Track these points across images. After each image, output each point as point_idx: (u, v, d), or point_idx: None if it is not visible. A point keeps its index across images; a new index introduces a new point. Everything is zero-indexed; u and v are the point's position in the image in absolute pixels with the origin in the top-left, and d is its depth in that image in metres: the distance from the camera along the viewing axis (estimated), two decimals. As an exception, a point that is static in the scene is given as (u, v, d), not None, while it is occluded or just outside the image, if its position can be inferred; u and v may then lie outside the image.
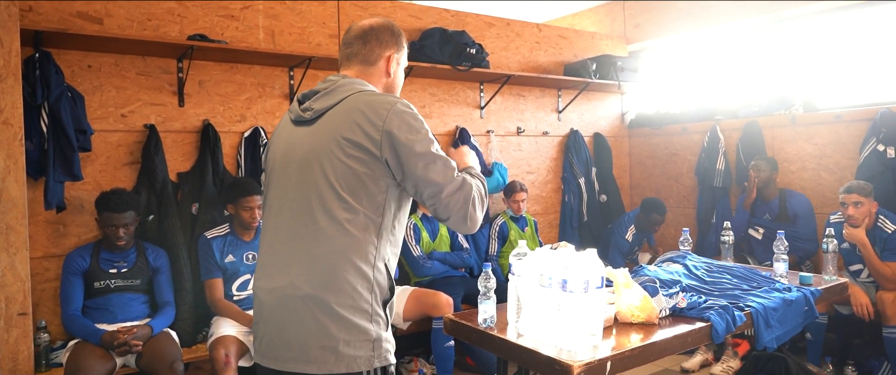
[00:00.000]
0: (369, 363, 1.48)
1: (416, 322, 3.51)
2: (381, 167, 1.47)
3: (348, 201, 1.46)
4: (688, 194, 5.06)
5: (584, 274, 1.79)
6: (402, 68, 1.71)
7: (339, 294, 1.45)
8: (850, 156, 4.04)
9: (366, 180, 1.46)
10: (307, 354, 1.45)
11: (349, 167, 1.46)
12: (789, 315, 2.42)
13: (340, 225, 1.45)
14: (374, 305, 1.49)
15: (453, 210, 1.52)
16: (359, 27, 1.65)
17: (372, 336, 1.48)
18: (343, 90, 1.54)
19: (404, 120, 1.47)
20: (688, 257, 2.94)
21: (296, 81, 3.75)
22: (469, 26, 4.50)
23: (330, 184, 1.46)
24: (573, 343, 1.83)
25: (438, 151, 1.51)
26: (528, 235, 4.41)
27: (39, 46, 2.89)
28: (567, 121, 5.11)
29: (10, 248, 2.52)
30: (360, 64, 1.64)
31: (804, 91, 4.44)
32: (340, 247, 1.45)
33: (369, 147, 1.45)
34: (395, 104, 1.49)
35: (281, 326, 1.49)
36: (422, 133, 1.49)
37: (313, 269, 1.46)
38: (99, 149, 3.18)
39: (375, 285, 1.49)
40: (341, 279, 1.45)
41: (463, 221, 1.53)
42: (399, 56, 1.68)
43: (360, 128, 1.46)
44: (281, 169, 1.58)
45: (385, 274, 1.52)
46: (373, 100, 1.50)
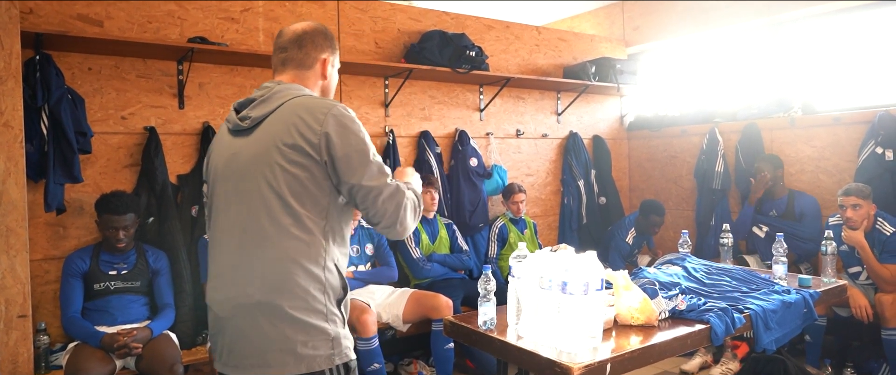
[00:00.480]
0: (330, 361, 1.51)
1: (415, 324, 3.51)
2: (321, 170, 1.49)
3: (293, 206, 1.47)
4: (687, 196, 5.07)
5: (583, 276, 1.80)
6: (336, 70, 1.73)
7: (291, 298, 1.47)
8: (848, 159, 4.05)
9: (308, 184, 1.48)
10: (266, 358, 1.48)
11: (291, 173, 1.47)
12: (788, 318, 2.43)
13: (287, 230, 1.47)
14: (328, 305, 1.51)
15: (384, 215, 1.54)
16: (292, 31, 1.66)
17: (330, 334, 1.51)
18: (280, 96, 1.55)
19: (342, 123, 1.49)
20: (687, 259, 2.94)
21: (296, 84, 3.75)
22: (469, 29, 4.51)
23: (274, 191, 1.48)
24: (573, 345, 1.83)
25: (375, 156, 1.54)
26: (528, 237, 4.41)
27: (40, 49, 2.89)
28: (566, 123, 5.12)
29: (10, 250, 2.53)
30: (296, 68, 1.65)
31: (803, 93, 4.45)
32: (289, 253, 1.47)
33: (309, 151, 1.47)
34: (333, 108, 1.51)
35: (238, 335, 1.51)
36: (359, 137, 1.51)
37: (264, 276, 1.48)
38: (99, 151, 3.18)
39: (327, 285, 1.51)
40: (292, 283, 1.47)
41: (393, 226, 1.56)
42: (333, 58, 1.71)
43: (299, 133, 1.47)
44: (223, 179, 1.59)
45: (336, 273, 1.54)
46: (311, 104, 1.52)
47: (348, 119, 1.51)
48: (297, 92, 1.57)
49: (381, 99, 4.15)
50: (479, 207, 4.34)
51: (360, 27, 4.05)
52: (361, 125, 1.54)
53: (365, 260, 3.67)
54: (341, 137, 1.48)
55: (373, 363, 3.16)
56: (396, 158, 4.08)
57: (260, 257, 1.49)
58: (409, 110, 4.27)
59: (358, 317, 3.20)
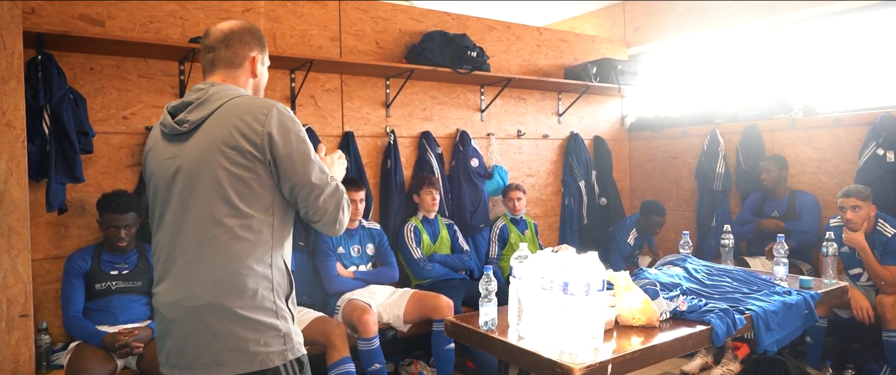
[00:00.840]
0: (283, 356, 1.53)
1: (416, 325, 3.51)
2: (265, 169, 1.50)
3: (239, 207, 1.49)
4: (687, 197, 5.07)
5: (585, 276, 1.80)
6: (266, 68, 1.74)
7: (241, 298, 1.48)
8: (849, 160, 4.05)
9: (252, 184, 1.50)
10: (218, 358, 1.48)
11: (236, 174, 1.48)
12: (789, 319, 2.43)
13: (234, 232, 1.48)
14: (277, 302, 1.53)
15: (325, 213, 1.57)
16: (219, 30, 1.65)
17: (281, 331, 1.53)
18: (217, 98, 1.54)
19: (284, 123, 1.51)
20: (688, 260, 2.94)
21: (297, 84, 3.76)
22: (470, 29, 4.52)
23: (220, 194, 1.48)
24: (574, 345, 1.84)
25: (315, 155, 1.56)
26: (529, 238, 4.41)
27: (42, 48, 2.90)
28: (567, 124, 5.12)
29: (12, 250, 2.53)
30: (225, 67, 1.63)
31: (804, 95, 4.45)
32: (236, 253, 1.48)
33: (252, 151, 1.48)
34: (273, 107, 1.51)
35: (187, 337, 1.51)
36: (300, 136, 1.53)
37: (212, 278, 1.48)
38: (100, 151, 3.18)
39: (275, 283, 1.53)
40: (241, 284, 1.48)
41: (333, 224, 1.60)
42: (263, 56, 1.70)
43: (241, 134, 1.48)
44: (166, 184, 1.57)
45: (283, 270, 1.56)
46: (250, 104, 1.53)
47: (289, 118, 1.53)
48: (234, 93, 1.57)
49: (383, 99, 4.15)
50: (479, 208, 4.34)
51: (362, 27, 4.06)
52: (300, 124, 1.56)
53: (366, 260, 3.67)
54: (283, 137, 1.49)
55: (373, 363, 3.16)
56: (397, 158, 4.09)
57: (208, 260, 1.49)
58: (410, 110, 4.27)
59: (359, 317, 3.20)
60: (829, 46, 4.41)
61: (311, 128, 3.75)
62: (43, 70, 2.85)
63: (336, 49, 3.94)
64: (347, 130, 3.96)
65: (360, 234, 3.68)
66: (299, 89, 3.76)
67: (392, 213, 4.00)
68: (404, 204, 4.07)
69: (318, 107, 3.89)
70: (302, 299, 3.53)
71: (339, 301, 3.46)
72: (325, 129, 3.90)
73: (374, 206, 4.03)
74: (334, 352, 3.00)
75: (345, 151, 3.88)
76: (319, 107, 3.89)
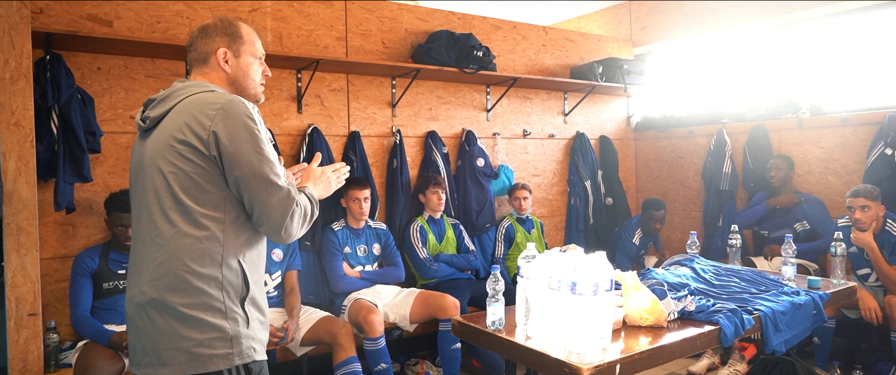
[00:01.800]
0: (228, 360, 1.48)
1: (422, 324, 3.51)
2: (213, 165, 1.47)
3: (186, 203, 1.47)
4: (694, 197, 5.05)
5: (593, 276, 1.80)
6: (248, 59, 1.66)
7: (184, 295, 1.45)
8: (857, 160, 4.03)
9: (200, 180, 1.47)
10: (161, 357, 1.46)
11: (182, 169, 1.47)
12: (798, 319, 2.42)
13: (179, 228, 1.47)
14: (227, 303, 1.48)
15: (268, 219, 1.50)
16: (195, 28, 1.66)
17: (228, 333, 1.48)
18: (178, 94, 1.55)
19: (234, 118, 1.47)
20: (695, 260, 2.94)
21: (303, 83, 3.77)
22: (476, 29, 4.51)
23: (167, 189, 1.48)
24: (582, 345, 1.83)
25: (267, 155, 1.50)
26: (535, 237, 4.41)
27: (50, 48, 2.91)
28: (573, 123, 5.11)
29: (21, 249, 2.54)
30: (198, 65, 1.64)
31: (811, 94, 4.43)
32: (180, 250, 1.46)
33: (199, 146, 1.46)
34: (227, 103, 1.48)
35: (138, 334, 1.51)
36: (250, 133, 1.48)
37: (157, 274, 1.47)
38: (108, 150, 3.19)
39: (225, 282, 1.49)
40: (184, 281, 1.46)
41: (277, 231, 1.52)
42: (237, 48, 1.64)
43: (190, 129, 1.47)
44: (132, 180, 1.61)
45: (237, 270, 1.51)
46: (205, 100, 1.51)
47: (241, 114, 1.48)
48: (198, 89, 1.55)
49: (389, 99, 4.16)
50: (485, 207, 4.34)
51: (368, 27, 4.06)
52: (257, 121, 1.51)
53: (372, 260, 3.67)
54: (230, 132, 1.46)
55: (379, 362, 3.17)
56: (403, 158, 4.09)
57: (152, 255, 1.49)
58: (416, 110, 4.27)
59: (365, 317, 3.21)
60: (837, 46, 4.40)
61: (316, 127, 3.76)
62: (51, 70, 2.86)
63: (342, 49, 3.94)
64: (353, 130, 3.96)
65: (367, 234, 3.68)
66: (305, 89, 3.76)
67: (398, 213, 4.00)
68: (410, 203, 4.07)
69: (325, 107, 3.89)
70: (308, 299, 3.53)
71: (346, 300, 3.46)
72: (332, 129, 3.90)
73: (380, 206, 4.03)
74: (341, 352, 3.01)
75: (351, 150, 3.89)
76: (325, 106, 3.90)
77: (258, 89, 1.70)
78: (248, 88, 1.67)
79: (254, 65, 1.67)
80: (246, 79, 1.66)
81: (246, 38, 1.66)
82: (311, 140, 3.71)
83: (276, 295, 3.29)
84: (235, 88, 1.65)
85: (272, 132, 3.62)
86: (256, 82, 1.69)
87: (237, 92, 1.64)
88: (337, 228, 3.60)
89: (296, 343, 3.13)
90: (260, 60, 1.70)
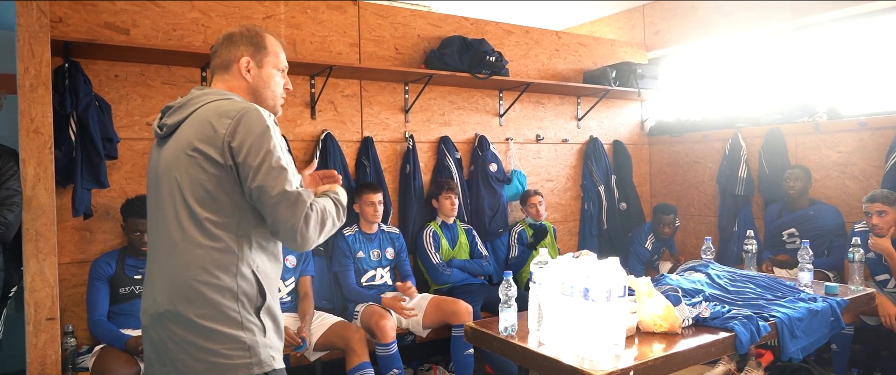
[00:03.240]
0: (248, 369, 1.46)
1: (435, 330, 3.51)
2: (229, 175, 1.45)
3: (199, 213, 1.45)
4: (709, 202, 5.01)
5: (606, 282, 1.79)
6: (270, 71, 1.64)
7: (199, 306, 1.44)
8: (875, 164, 3.97)
9: (214, 190, 1.45)
10: (178, 367, 1.46)
11: (197, 178, 1.45)
12: (815, 326, 2.39)
13: (193, 238, 1.45)
14: (242, 313, 1.46)
15: (280, 223, 1.45)
16: (221, 35, 1.65)
17: (246, 342, 1.46)
18: (195, 102, 1.53)
19: (248, 127, 1.44)
20: (710, 266, 2.91)
21: (317, 89, 3.79)
22: (488, 34, 4.52)
23: (182, 198, 1.46)
24: (595, 352, 1.82)
25: (280, 162, 1.45)
26: (548, 243, 4.39)
27: (68, 56, 2.95)
28: (586, 128, 5.10)
29: (40, 254, 2.58)
30: (220, 72, 1.63)
31: (828, 98, 4.38)
32: (195, 260, 1.45)
33: (214, 155, 1.44)
34: (243, 112, 1.46)
35: (155, 345, 1.50)
36: (264, 140, 1.45)
37: (171, 285, 1.46)
38: (125, 156, 3.23)
39: (240, 293, 1.47)
40: (198, 292, 1.44)
41: (292, 238, 1.47)
42: (260, 58, 1.62)
43: (206, 138, 1.45)
44: (149, 188, 1.61)
45: (252, 280, 1.49)
46: (221, 108, 1.48)
47: (256, 123, 1.45)
48: (216, 96, 1.54)
49: (401, 104, 4.17)
50: (498, 213, 4.33)
51: (381, 33, 4.08)
52: (273, 129, 1.48)
53: (385, 264, 3.68)
54: (244, 141, 1.43)
55: (392, 368, 3.17)
56: (416, 163, 4.10)
57: (168, 266, 1.48)
58: (428, 116, 4.28)
59: (377, 323, 3.21)
60: (854, 49, 4.34)
61: (330, 133, 3.78)
62: (70, 77, 2.90)
63: (355, 55, 3.96)
64: (367, 135, 3.98)
65: (380, 238, 3.69)
66: (319, 95, 3.79)
67: (411, 218, 4.01)
68: (423, 209, 4.08)
69: (338, 113, 3.91)
70: (321, 304, 3.54)
71: (358, 306, 3.47)
72: (345, 135, 3.92)
73: (392, 211, 4.04)
74: (354, 357, 3.01)
75: (364, 156, 3.90)
76: (339, 112, 3.92)
77: (278, 101, 1.68)
78: (268, 100, 1.65)
79: (275, 77, 1.66)
80: (266, 90, 1.64)
81: (271, 49, 1.64)
82: (325, 146, 3.73)
83: (290, 301, 3.30)
84: (255, 98, 1.62)
85: (286, 138, 3.64)
86: (277, 94, 1.67)
87: (256, 102, 1.61)
88: (348, 234, 3.61)
89: (309, 349, 3.14)
90: (282, 73, 1.68)
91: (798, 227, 4.00)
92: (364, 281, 3.60)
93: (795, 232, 4.00)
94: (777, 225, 4.12)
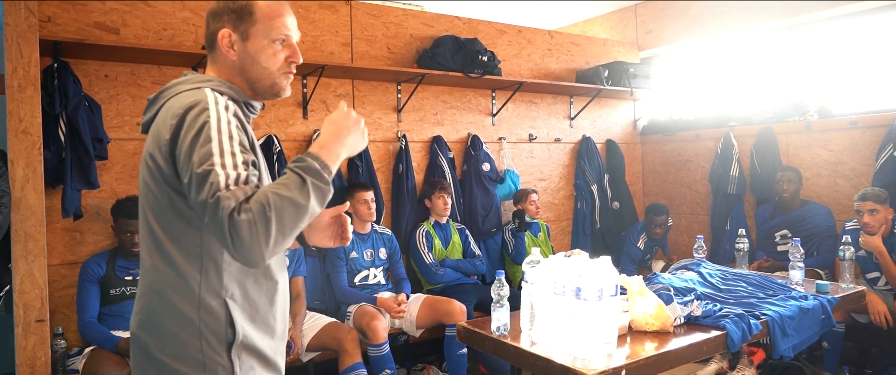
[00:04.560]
0: None
1: (428, 330, 3.51)
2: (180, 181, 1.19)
3: (158, 230, 1.23)
4: (701, 201, 5.03)
5: (598, 281, 1.79)
6: (260, 42, 1.31)
7: (156, 337, 1.23)
8: (866, 163, 4.00)
9: (168, 201, 1.22)
10: None
11: (152, 190, 1.23)
12: (806, 324, 2.40)
13: (152, 258, 1.24)
14: (205, 351, 1.20)
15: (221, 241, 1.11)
16: None
17: None
18: (164, 96, 1.29)
19: (187, 127, 1.16)
20: (702, 265, 2.92)
21: (309, 89, 3.78)
22: (481, 34, 4.51)
23: (144, 212, 1.26)
24: (587, 351, 1.82)
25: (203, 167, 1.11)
26: (542, 241, 4.40)
27: (58, 56, 2.93)
28: (579, 127, 5.10)
29: (29, 255, 2.56)
30: (210, 52, 1.36)
31: (819, 97, 4.40)
32: (154, 283, 1.24)
33: (161, 162, 1.20)
34: (186, 107, 1.19)
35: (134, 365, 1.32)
36: (202, 131, 1.15)
37: (138, 306, 1.28)
38: (115, 157, 3.21)
39: (204, 327, 1.21)
40: (156, 322, 1.23)
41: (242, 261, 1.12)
42: (245, 28, 1.30)
43: (158, 141, 1.21)
44: None
45: (218, 312, 1.22)
46: (177, 103, 1.22)
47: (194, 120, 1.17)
48: (184, 86, 1.28)
49: (394, 104, 4.16)
50: (491, 212, 4.33)
51: (373, 32, 4.07)
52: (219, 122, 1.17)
53: (379, 264, 3.67)
54: (181, 146, 1.16)
55: (384, 368, 3.16)
56: (409, 163, 4.09)
57: (141, 282, 1.29)
58: (421, 115, 4.27)
59: (368, 324, 3.20)
60: (845, 48, 4.37)
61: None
62: (59, 77, 2.88)
63: (347, 54, 3.95)
64: (359, 135, 3.96)
65: (373, 238, 3.68)
66: (311, 95, 3.78)
67: (404, 218, 4.00)
68: (416, 208, 4.07)
69: (330, 113, 3.89)
70: (314, 304, 3.53)
71: (351, 306, 3.46)
72: (337, 134, 3.90)
73: (385, 211, 4.03)
74: (346, 358, 3.01)
75: (356, 156, 3.89)
76: (331, 112, 3.89)
77: (277, 79, 1.35)
78: (261, 79, 1.33)
79: (267, 50, 1.32)
80: (255, 68, 1.32)
81: (259, 14, 1.31)
82: (317, 145, 3.71)
83: (282, 301, 3.29)
84: (245, 80, 1.33)
85: (278, 137, 3.63)
86: (272, 71, 1.33)
87: (249, 84, 1.34)
88: (342, 234, 3.59)
89: (302, 349, 3.13)
90: (280, 42, 1.34)
91: (791, 229, 4.01)
92: (357, 280, 3.59)
93: (788, 233, 4.01)
94: (769, 227, 4.14)
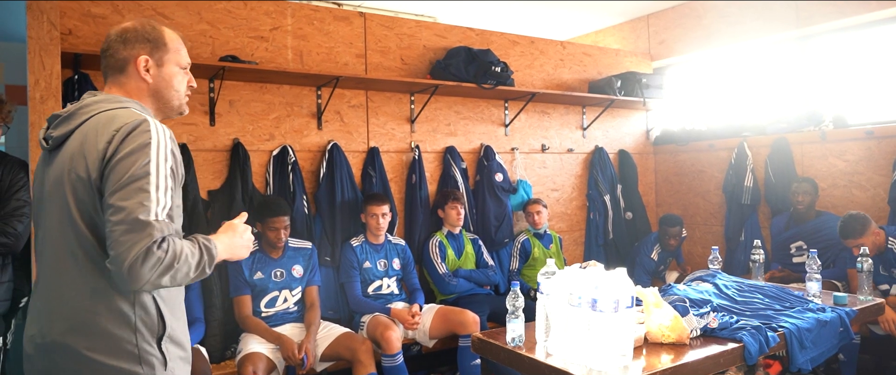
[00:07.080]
0: None
1: (441, 340, 3.51)
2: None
3: (86, 236, 1.32)
4: (715, 211, 5.00)
5: (614, 293, 1.79)
6: (172, 69, 1.50)
7: (90, 338, 1.31)
8: (882, 173, 3.96)
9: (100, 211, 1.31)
10: None
11: (83, 201, 1.32)
12: (824, 336, 2.38)
13: (84, 264, 1.32)
14: (140, 344, 1.33)
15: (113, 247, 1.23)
16: (111, 32, 1.48)
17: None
18: (85, 112, 1.38)
19: (129, 142, 1.29)
20: (718, 276, 2.90)
21: (323, 100, 3.81)
22: (494, 45, 4.54)
23: (70, 221, 1.33)
24: (603, 363, 1.82)
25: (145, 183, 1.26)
26: (553, 252, 4.39)
27: (78, 68, 2.98)
28: (592, 138, 5.10)
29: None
30: (114, 74, 1.46)
31: (834, 107, 4.38)
32: (88, 288, 1.32)
33: (94, 175, 1.30)
34: (129, 125, 1.31)
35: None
36: (138, 156, 1.28)
37: (61, 314, 1.34)
38: (133, 167, 3.24)
39: (139, 322, 1.33)
40: (90, 322, 1.31)
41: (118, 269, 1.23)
42: (160, 56, 1.47)
43: (88, 154, 1.31)
44: (36, 203, 1.47)
45: (150, 308, 1.35)
46: (110, 120, 1.33)
47: (137, 136, 1.29)
48: (110, 104, 1.38)
49: (407, 115, 4.19)
50: (504, 222, 4.34)
51: (387, 44, 4.10)
52: (160, 147, 1.31)
53: (392, 274, 3.68)
54: (120, 157, 1.28)
55: (398, 378, 3.16)
56: (422, 173, 4.10)
57: (58, 293, 1.35)
58: (434, 126, 4.29)
59: (382, 333, 3.21)
60: (860, 57, 4.34)
61: (336, 143, 3.79)
62: (79, 89, 2.93)
63: (361, 66, 3.99)
64: (373, 146, 3.99)
65: (386, 249, 3.69)
66: (325, 106, 3.81)
67: (417, 228, 4.01)
68: (429, 219, 4.08)
69: (344, 123, 3.93)
70: (327, 314, 3.55)
71: (364, 316, 3.47)
72: (351, 145, 3.94)
73: (398, 221, 4.05)
74: (360, 368, 3.01)
75: (370, 166, 3.91)
76: (345, 122, 3.94)
77: (183, 100, 1.54)
78: (172, 100, 1.51)
79: (178, 75, 1.51)
80: (169, 90, 1.50)
81: (171, 45, 1.50)
82: (332, 156, 3.75)
83: (297, 311, 3.30)
84: (157, 100, 1.49)
85: (292, 148, 3.66)
86: (181, 93, 1.53)
87: (160, 104, 1.50)
88: (356, 244, 3.61)
89: (315, 360, 3.14)
90: (185, 71, 1.54)
91: (806, 240, 3.98)
92: (371, 290, 3.60)
93: (804, 245, 3.97)
94: (784, 238, 4.10)
